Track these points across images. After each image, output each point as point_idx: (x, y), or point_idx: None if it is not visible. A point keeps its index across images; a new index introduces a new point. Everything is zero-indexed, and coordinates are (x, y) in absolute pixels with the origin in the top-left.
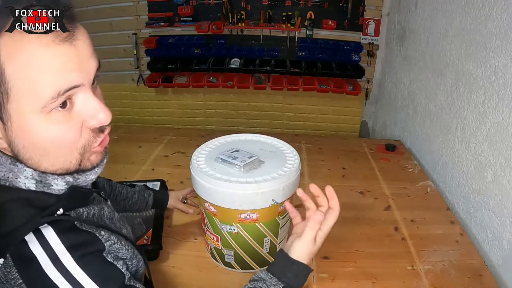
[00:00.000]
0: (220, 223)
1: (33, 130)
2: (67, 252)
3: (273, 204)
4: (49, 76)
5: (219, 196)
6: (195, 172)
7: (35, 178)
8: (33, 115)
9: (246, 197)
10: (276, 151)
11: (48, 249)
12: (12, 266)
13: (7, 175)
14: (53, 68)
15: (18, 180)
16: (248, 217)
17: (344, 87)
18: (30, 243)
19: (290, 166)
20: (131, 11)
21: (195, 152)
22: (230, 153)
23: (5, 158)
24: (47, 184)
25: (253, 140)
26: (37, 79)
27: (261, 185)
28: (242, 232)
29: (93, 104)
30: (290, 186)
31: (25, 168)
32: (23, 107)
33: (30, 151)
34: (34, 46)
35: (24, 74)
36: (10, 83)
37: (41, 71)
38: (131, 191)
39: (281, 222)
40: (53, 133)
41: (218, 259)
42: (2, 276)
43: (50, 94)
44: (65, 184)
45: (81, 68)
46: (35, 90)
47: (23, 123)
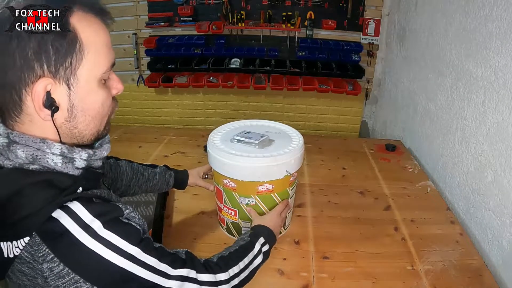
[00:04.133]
0: (239, 197)
1: (91, 94)
2: (95, 219)
3: (286, 175)
4: (106, 50)
5: (240, 170)
6: (216, 152)
7: (63, 154)
8: (93, 82)
9: (265, 169)
10: (280, 132)
11: (78, 220)
12: (40, 244)
13: (35, 154)
14: (108, 44)
15: (46, 158)
16: (265, 189)
17: (344, 87)
18: (60, 218)
19: (296, 142)
20: (131, 11)
21: (211, 136)
22: (243, 134)
23: (34, 139)
24: (71, 159)
25: (258, 125)
26: (101, 51)
27: (276, 158)
28: (259, 203)
29: (116, 78)
30: (298, 159)
31: (54, 144)
32: (88, 74)
33: (86, 114)
34: (98, 26)
35: (94, 46)
36: (85, 51)
37: (102, 45)
38: (152, 173)
39: (290, 192)
40: (102, 97)
41: (235, 233)
42: (29, 256)
43: (107, 65)
44: (86, 157)
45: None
46: (99, 60)
47: (85, 88)
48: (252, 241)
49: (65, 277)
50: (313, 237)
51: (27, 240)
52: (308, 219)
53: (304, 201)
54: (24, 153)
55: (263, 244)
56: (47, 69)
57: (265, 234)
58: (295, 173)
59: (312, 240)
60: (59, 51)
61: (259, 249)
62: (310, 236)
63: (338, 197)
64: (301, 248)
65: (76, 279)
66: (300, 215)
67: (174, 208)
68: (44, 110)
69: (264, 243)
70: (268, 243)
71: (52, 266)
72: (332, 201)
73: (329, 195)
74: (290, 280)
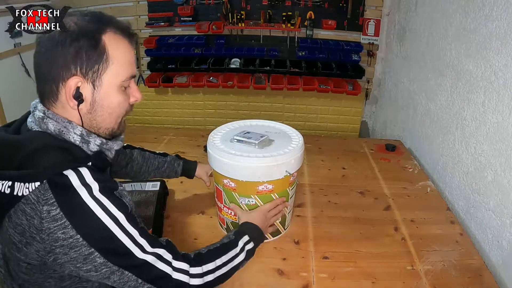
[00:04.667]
0: (239, 197)
1: (111, 95)
2: (95, 182)
3: (286, 175)
4: (129, 65)
5: (240, 170)
6: (216, 152)
7: (82, 135)
8: (113, 87)
9: (264, 169)
10: (280, 132)
11: (82, 179)
12: (47, 189)
13: (62, 129)
14: (131, 61)
15: (68, 134)
16: (265, 189)
17: (344, 87)
18: (68, 175)
19: (296, 142)
20: (131, 11)
21: (211, 136)
22: (243, 135)
23: (62, 118)
24: (86, 141)
25: (258, 125)
26: (123, 65)
27: (276, 158)
28: (259, 203)
29: (135, 88)
30: (298, 159)
31: (77, 126)
32: (110, 80)
33: (104, 109)
34: (123, 45)
35: (117, 60)
36: (110, 63)
37: (125, 60)
38: (162, 161)
39: (290, 192)
40: (119, 99)
41: None
42: (34, 198)
43: (126, 76)
44: (99, 143)
45: (135, 66)
46: (120, 71)
47: (107, 90)
48: (236, 239)
49: (58, 220)
50: (313, 237)
51: (37, 184)
52: (308, 219)
53: (304, 201)
54: (53, 126)
55: (247, 242)
56: (79, 71)
57: (251, 232)
58: (295, 173)
59: (312, 240)
60: (90, 58)
61: (241, 247)
62: (310, 236)
63: (338, 197)
64: (301, 248)
65: (66, 224)
66: (300, 215)
67: (174, 208)
68: (73, 100)
69: (249, 241)
70: (253, 241)
71: (50, 209)
72: (332, 201)
73: (329, 195)
74: (290, 280)
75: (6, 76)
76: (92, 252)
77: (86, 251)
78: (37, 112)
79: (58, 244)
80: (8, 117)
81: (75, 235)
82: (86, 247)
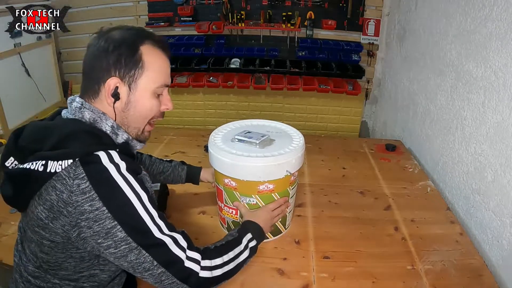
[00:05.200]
0: (240, 196)
1: (144, 98)
2: (122, 161)
3: (287, 175)
4: (163, 74)
5: (241, 170)
6: (217, 151)
7: (112, 127)
8: (147, 91)
9: (265, 169)
10: (281, 132)
11: (111, 158)
12: (78, 166)
13: (96, 118)
14: (165, 71)
15: (101, 124)
16: (266, 188)
17: (344, 87)
18: (99, 154)
19: (297, 142)
20: (131, 11)
21: (212, 136)
22: (244, 134)
23: (97, 110)
24: (115, 133)
25: (259, 124)
26: (157, 73)
27: (277, 158)
28: (260, 202)
29: (168, 97)
30: (299, 159)
31: (109, 118)
32: (145, 84)
33: (136, 110)
34: (159, 56)
35: (152, 68)
36: (145, 70)
37: (159, 69)
38: (168, 166)
39: (291, 192)
40: (151, 104)
41: None
42: (66, 174)
43: (159, 83)
44: (126, 137)
45: (169, 76)
46: (155, 78)
47: (140, 93)
48: (240, 236)
49: (86, 193)
50: (313, 237)
51: (70, 162)
52: (308, 219)
53: (304, 201)
54: (89, 115)
55: (250, 240)
56: (118, 73)
57: (253, 230)
58: (296, 173)
59: (313, 240)
60: (127, 64)
61: (245, 244)
62: (310, 236)
63: (338, 197)
64: (301, 248)
65: (94, 196)
66: (300, 215)
67: (174, 208)
68: (111, 98)
69: (252, 239)
70: (255, 239)
71: (80, 183)
72: (332, 201)
73: (329, 195)
74: (291, 279)
75: (6, 76)
76: (115, 226)
77: (110, 224)
78: (74, 103)
79: (84, 217)
80: (8, 117)
81: (101, 207)
82: (110, 220)
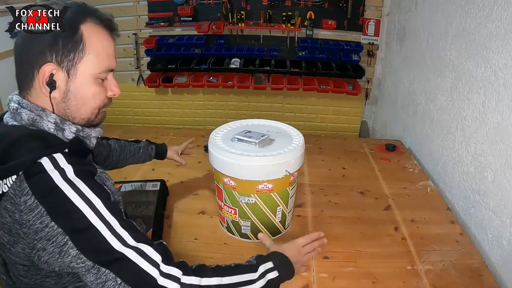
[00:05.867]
0: (239, 196)
1: (86, 85)
2: (69, 165)
3: (286, 175)
4: (107, 57)
5: (240, 169)
6: (216, 151)
7: (56, 123)
8: (89, 77)
9: (264, 168)
10: (281, 132)
11: (55, 164)
12: (23, 180)
13: (35, 118)
14: (110, 53)
15: (42, 123)
16: (264, 188)
17: (344, 87)
18: (42, 161)
19: (296, 142)
20: (131, 11)
21: (212, 135)
22: (244, 134)
23: (36, 107)
24: (61, 129)
25: (259, 124)
26: (100, 56)
27: (276, 157)
28: (259, 202)
29: (114, 82)
30: (298, 159)
31: (51, 114)
32: (86, 70)
33: (78, 99)
34: (103, 36)
35: (94, 50)
36: (86, 53)
37: (102, 51)
38: (137, 148)
39: (290, 192)
40: (94, 90)
41: (235, 231)
42: (12, 192)
43: (103, 68)
44: (75, 130)
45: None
46: (97, 62)
47: (82, 79)
48: (257, 264)
49: (34, 210)
50: None
51: (14, 178)
52: (308, 219)
53: (304, 201)
54: (27, 116)
55: (270, 270)
56: (54, 58)
57: (277, 261)
58: (295, 173)
59: None
60: (65, 46)
61: (261, 272)
62: None
63: (338, 197)
64: None
65: (42, 212)
66: (300, 215)
67: (174, 208)
68: (46, 87)
69: (272, 268)
70: (277, 270)
71: (26, 199)
72: (332, 201)
73: (329, 195)
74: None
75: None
76: (66, 242)
77: (61, 241)
78: (12, 104)
79: (38, 237)
80: None
81: (50, 222)
82: (61, 236)
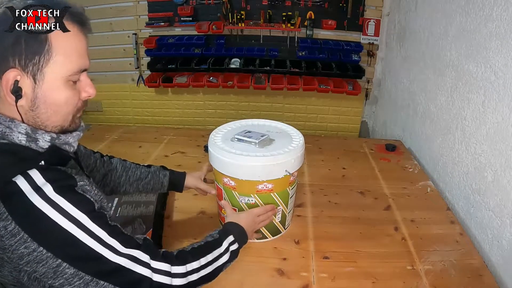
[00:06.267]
0: (239, 196)
1: (55, 90)
2: (47, 183)
3: (286, 175)
4: (77, 57)
5: (240, 169)
6: (216, 151)
7: (27, 133)
8: (59, 80)
9: (264, 168)
10: (281, 132)
11: (32, 182)
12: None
13: (4, 131)
14: (81, 52)
15: (13, 135)
16: (264, 188)
17: (344, 87)
18: (17, 180)
19: (296, 142)
20: (131, 11)
21: (212, 135)
22: (244, 134)
23: (4, 118)
24: (34, 139)
25: (260, 124)
26: (70, 56)
27: (276, 157)
28: (259, 202)
29: (88, 82)
30: (298, 159)
31: (21, 124)
32: (55, 73)
33: (48, 106)
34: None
35: (63, 50)
36: (53, 54)
37: (72, 51)
38: (145, 172)
39: (290, 192)
40: (66, 95)
41: None
42: None
43: (74, 69)
44: (49, 139)
45: (88, 57)
46: (67, 63)
47: (50, 84)
48: (221, 239)
49: (16, 235)
50: (313, 237)
51: None
52: (308, 219)
53: (304, 201)
54: None
55: (232, 243)
56: (18, 63)
57: (236, 233)
58: (295, 173)
59: (312, 240)
60: (29, 49)
61: (226, 247)
62: (310, 236)
63: (338, 197)
64: (301, 248)
65: (25, 237)
66: (300, 215)
67: (174, 208)
68: (11, 96)
69: (233, 241)
70: (237, 242)
71: (6, 225)
72: (332, 201)
73: (329, 195)
74: (290, 280)
75: None
76: (60, 264)
77: (54, 263)
78: None
79: (24, 261)
80: None
81: (37, 248)
82: (53, 259)
